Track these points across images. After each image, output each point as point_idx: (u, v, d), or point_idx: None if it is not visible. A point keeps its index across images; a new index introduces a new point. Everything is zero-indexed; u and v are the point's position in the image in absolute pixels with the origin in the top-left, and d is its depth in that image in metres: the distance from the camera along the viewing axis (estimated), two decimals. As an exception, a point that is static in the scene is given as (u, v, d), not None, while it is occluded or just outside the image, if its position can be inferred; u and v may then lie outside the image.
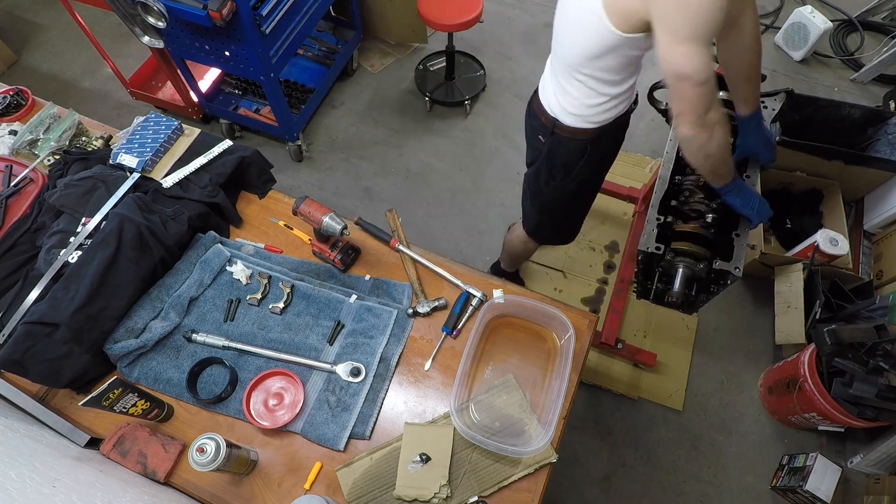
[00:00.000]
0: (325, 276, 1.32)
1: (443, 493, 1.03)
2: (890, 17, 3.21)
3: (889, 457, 1.80)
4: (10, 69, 2.98)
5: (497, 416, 1.13)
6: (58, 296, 1.09)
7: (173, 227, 1.27)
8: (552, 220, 1.62)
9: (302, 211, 1.20)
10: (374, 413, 1.14)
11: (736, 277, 1.19)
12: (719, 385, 2.12)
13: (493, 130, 2.76)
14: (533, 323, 1.25)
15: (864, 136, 2.36)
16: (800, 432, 2.02)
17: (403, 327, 1.24)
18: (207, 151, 1.41)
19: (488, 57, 2.97)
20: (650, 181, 2.30)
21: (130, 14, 1.97)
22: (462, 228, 2.46)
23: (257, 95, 2.65)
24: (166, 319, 1.19)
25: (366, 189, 2.58)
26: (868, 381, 1.63)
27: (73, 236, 1.23)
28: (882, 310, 1.90)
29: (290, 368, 1.17)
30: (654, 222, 1.28)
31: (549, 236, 1.75)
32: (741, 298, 2.30)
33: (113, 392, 0.98)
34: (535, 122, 1.36)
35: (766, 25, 3.22)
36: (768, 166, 1.34)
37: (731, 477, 1.94)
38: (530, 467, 1.07)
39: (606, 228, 2.45)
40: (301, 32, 2.25)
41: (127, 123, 1.52)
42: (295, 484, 1.08)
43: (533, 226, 1.68)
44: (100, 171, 1.35)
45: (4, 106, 1.55)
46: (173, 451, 1.08)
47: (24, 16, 3.22)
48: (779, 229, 2.37)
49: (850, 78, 3.02)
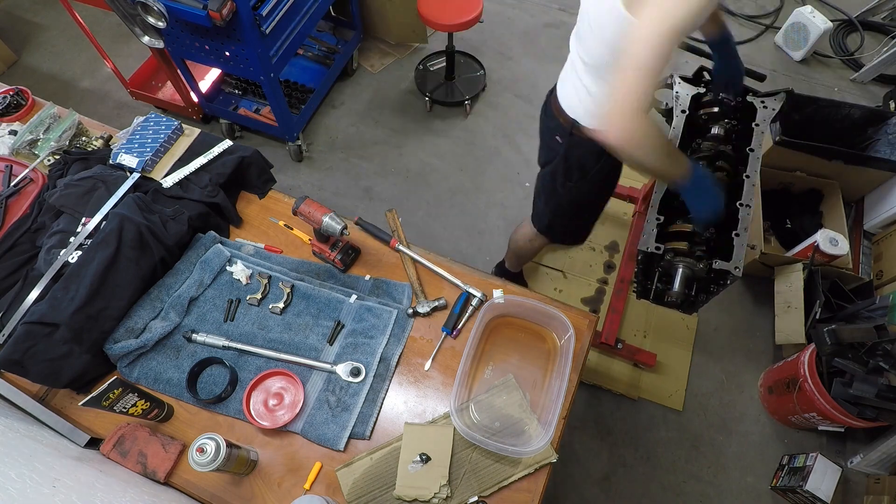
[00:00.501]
0: (325, 276, 1.32)
1: (443, 493, 1.03)
2: (890, 17, 3.21)
3: (889, 457, 1.80)
4: (10, 69, 2.98)
5: (497, 416, 1.13)
6: (58, 296, 1.09)
7: (173, 227, 1.27)
8: (565, 220, 1.63)
9: (302, 211, 1.20)
10: (374, 413, 1.14)
11: (736, 277, 1.19)
12: (719, 385, 2.12)
13: (493, 130, 2.76)
14: (533, 323, 1.25)
15: (864, 136, 2.36)
16: (800, 432, 2.02)
17: (403, 327, 1.24)
18: (207, 151, 1.41)
19: (488, 57, 2.97)
20: (650, 181, 2.29)
21: (130, 14, 1.97)
22: (462, 228, 2.46)
23: (257, 95, 2.65)
24: (166, 319, 1.19)
25: (366, 189, 2.58)
26: (868, 381, 1.63)
27: (73, 236, 1.23)
28: (882, 310, 1.90)
29: (290, 368, 1.17)
30: (654, 222, 1.28)
31: (560, 237, 1.75)
32: (741, 298, 2.30)
33: (113, 392, 0.98)
34: (553, 122, 1.35)
35: (765, 25, 3.22)
36: (739, 91, 1.34)
37: (731, 477, 1.94)
38: (530, 467, 1.07)
39: (606, 228, 2.45)
40: (301, 32, 2.25)
41: (127, 123, 1.52)
42: (295, 484, 1.08)
43: (545, 224, 1.68)
44: (100, 171, 1.35)
45: (4, 106, 1.55)
46: (173, 451, 1.08)
47: (24, 16, 3.22)
48: (779, 229, 2.37)
49: (850, 78, 3.02)
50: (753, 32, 3.22)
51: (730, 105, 1.44)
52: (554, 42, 3.07)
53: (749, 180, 1.31)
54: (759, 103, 1.43)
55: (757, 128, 1.39)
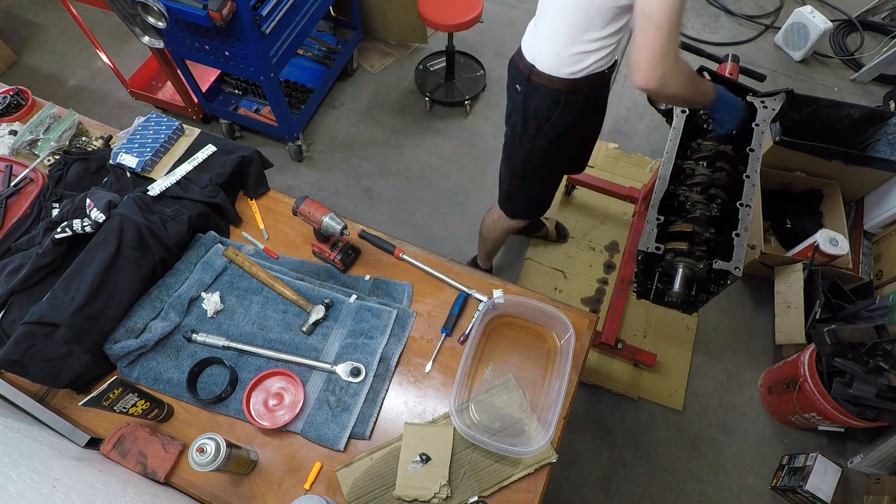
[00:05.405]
0: (325, 276, 1.32)
1: (443, 494, 1.03)
2: (890, 17, 3.21)
3: (889, 457, 1.80)
4: (10, 69, 2.98)
5: (497, 416, 1.13)
6: (58, 296, 1.09)
7: (173, 227, 1.27)
8: (523, 185, 1.64)
9: (302, 211, 1.20)
10: (374, 413, 1.14)
11: (736, 277, 1.19)
12: (719, 385, 2.12)
13: (493, 130, 2.76)
14: (533, 323, 1.25)
15: (864, 136, 2.36)
16: (800, 432, 2.02)
17: (403, 327, 1.24)
18: (192, 157, 1.41)
19: (488, 57, 2.97)
20: (650, 181, 2.29)
21: (130, 14, 1.97)
22: (462, 228, 2.46)
23: (257, 95, 2.65)
24: (166, 319, 1.19)
25: (366, 189, 2.58)
26: (868, 381, 1.63)
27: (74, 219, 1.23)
28: (882, 310, 1.90)
29: (290, 368, 1.17)
30: (654, 222, 1.28)
31: (519, 208, 1.76)
32: (741, 298, 2.30)
33: (113, 392, 0.98)
34: (514, 70, 1.40)
35: (765, 25, 3.22)
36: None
37: (731, 477, 1.94)
38: (530, 467, 1.07)
39: (606, 228, 2.45)
40: (301, 32, 2.25)
41: (127, 123, 1.52)
42: (295, 484, 1.08)
43: (504, 194, 1.72)
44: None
45: (4, 106, 1.55)
46: (173, 451, 1.08)
47: (24, 16, 3.22)
48: (779, 229, 2.37)
49: (850, 78, 3.02)
50: (753, 32, 3.22)
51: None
52: (554, 42, 3.06)
53: (749, 180, 1.31)
54: (759, 103, 1.43)
55: (757, 128, 1.39)
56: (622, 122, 2.80)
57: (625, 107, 2.85)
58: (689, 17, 3.29)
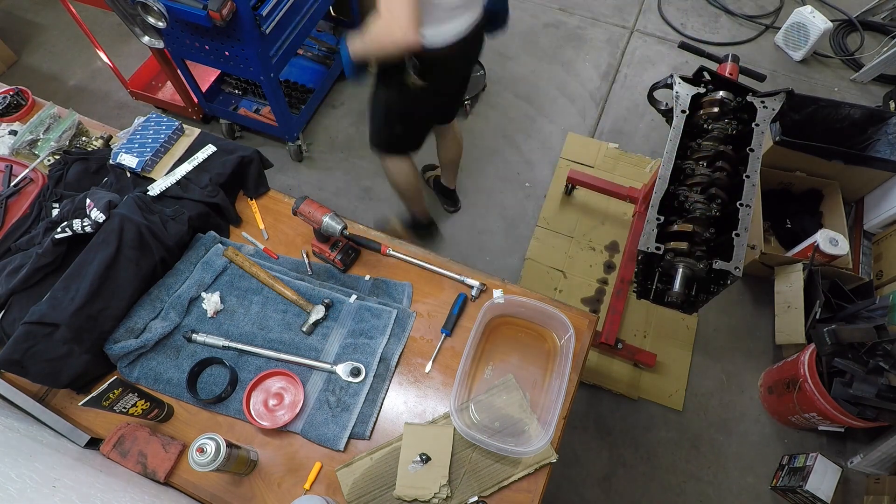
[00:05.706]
0: (325, 276, 1.32)
1: (443, 493, 1.03)
2: (890, 17, 3.21)
3: (889, 457, 1.80)
4: (10, 69, 2.98)
5: (497, 416, 1.13)
6: (58, 296, 1.09)
7: (173, 227, 1.27)
8: (372, 121, 1.79)
9: (302, 211, 1.20)
10: (374, 413, 1.14)
11: (736, 277, 1.19)
12: (719, 385, 2.12)
13: (493, 130, 2.76)
14: (533, 323, 1.25)
15: (864, 136, 2.36)
16: (800, 432, 2.02)
17: (403, 327, 1.24)
18: (192, 157, 1.41)
19: (488, 57, 2.96)
20: (650, 181, 2.29)
21: (130, 14, 1.97)
22: (462, 228, 2.46)
23: (257, 95, 2.65)
24: (166, 319, 1.19)
25: (366, 189, 2.58)
26: (868, 381, 1.63)
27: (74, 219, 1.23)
28: (882, 310, 1.90)
29: (290, 368, 1.17)
30: (654, 222, 1.28)
31: (380, 141, 1.87)
32: (741, 298, 2.30)
33: (113, 392, 0.98)
34: None
35: (765, 25, 3.22)
36: None
37: (731, 477, 1.94)
38: (530, 467, 1.07)
39: (606, 228, 2.45)
40: (301, 32, 2.25)
41: (127, 123, 1.52)
42: (295, 484, 1.08)
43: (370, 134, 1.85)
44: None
45: (4, 106, 1.55)
46: (173, 451, 1.08)
47: (24, 16, 3.22)
48: (779, 229, 2.37)
49: (850, 78, 3.02)
50: (753, 32, 3.22)
51: (730, 105, 1.44)
52: (554, 42, 3.07)
53: (749, 180, 1.31)
54: (759, 103, 1.43)
55: (757, 128, 1.39)
56: (622, 122, 2.80)
57: (625, 107, 2.85)
58: (690, 16, 3.29)
